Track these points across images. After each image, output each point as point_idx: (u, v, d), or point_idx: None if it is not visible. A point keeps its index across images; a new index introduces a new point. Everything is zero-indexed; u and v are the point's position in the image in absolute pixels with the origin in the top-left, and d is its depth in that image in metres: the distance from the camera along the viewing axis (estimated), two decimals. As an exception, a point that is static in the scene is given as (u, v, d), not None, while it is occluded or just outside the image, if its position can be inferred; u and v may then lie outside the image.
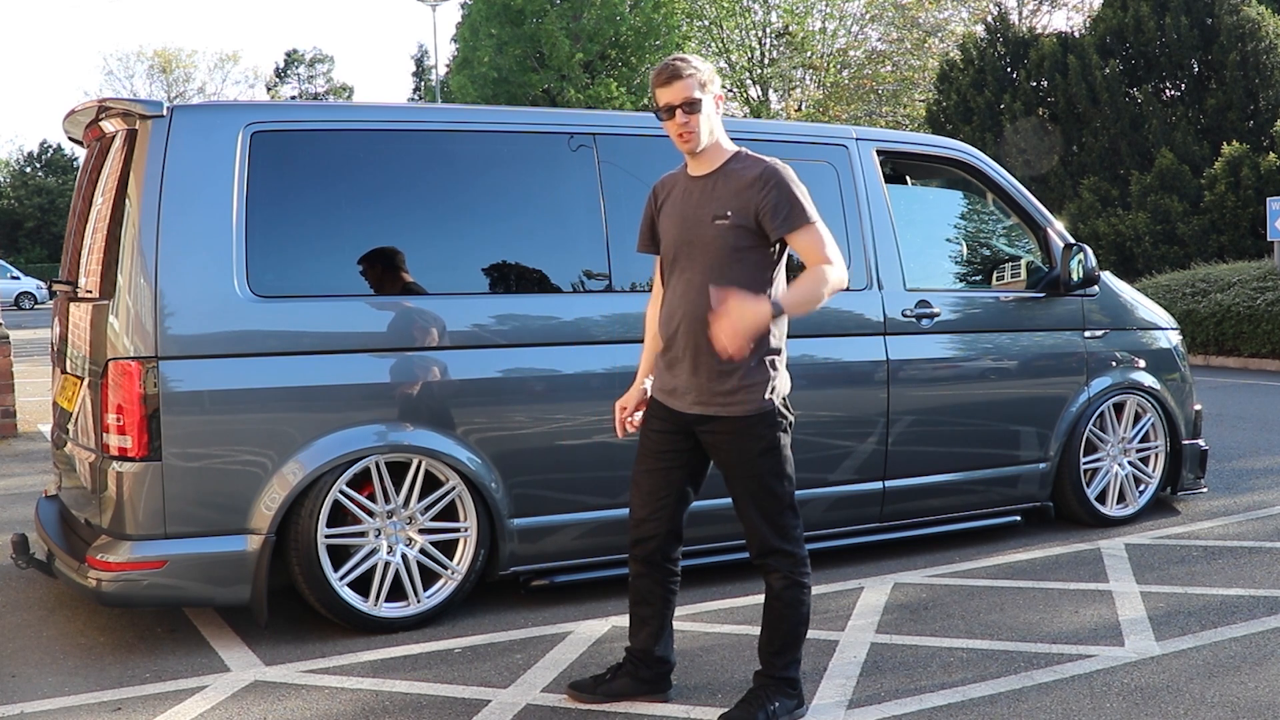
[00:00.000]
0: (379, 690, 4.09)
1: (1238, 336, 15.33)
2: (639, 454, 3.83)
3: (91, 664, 4.41)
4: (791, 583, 3.69)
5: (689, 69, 3.60)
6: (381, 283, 4.78)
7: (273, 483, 4.48)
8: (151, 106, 4.52)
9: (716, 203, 3.62)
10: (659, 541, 3.79)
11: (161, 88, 62.83)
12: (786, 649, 3.72)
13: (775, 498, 3.66)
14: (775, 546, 3.68)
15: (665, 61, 3.64)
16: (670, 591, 3.87)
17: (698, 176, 3.70)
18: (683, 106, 3.58)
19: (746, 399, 3.60)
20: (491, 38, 34.94)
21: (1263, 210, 17.80)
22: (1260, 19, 21.05)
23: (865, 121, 33.81)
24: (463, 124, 5.10)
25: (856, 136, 5.85)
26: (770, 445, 3.64)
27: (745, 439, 3.62)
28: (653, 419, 3.80)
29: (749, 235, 3.60)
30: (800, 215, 3.59)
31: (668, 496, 3.77)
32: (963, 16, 34.09)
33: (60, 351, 5.26)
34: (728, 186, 3.62)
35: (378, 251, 4.80)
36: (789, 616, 3.70)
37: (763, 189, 3.57)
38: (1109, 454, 6.37)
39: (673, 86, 3.58)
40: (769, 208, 3.57)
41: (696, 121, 3.60)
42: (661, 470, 3.76)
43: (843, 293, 5.55)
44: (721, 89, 3.70)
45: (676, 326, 3.67)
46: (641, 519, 3.80)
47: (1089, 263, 6.12)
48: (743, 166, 3.65)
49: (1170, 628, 4.60)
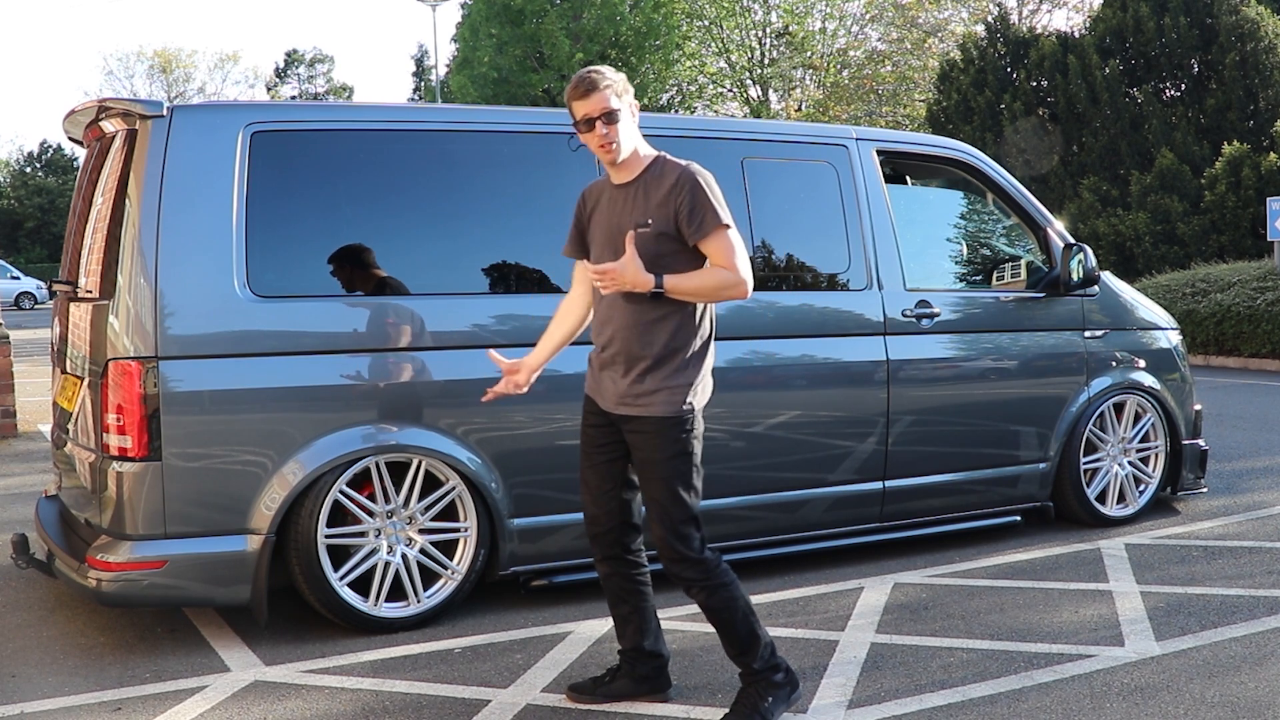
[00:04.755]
0: (379, 690, 4.09)
1: (1238, 336, 15.33)
2: (581, 452, 3.88)
3: (91, 664, 4.41)
4: (712, 589, 3.68)
5: (605, 80, 3.62)
6: (381, 283, 4.78)
7: (273, 483, 4.48)
8: (151, 106, 4.52)
9: (638, 211, 3.65)
10: (615, 534, 3.82)
11: (161, 88, 62.84)
12: (748, 647, 3.72)
13: (680, 504, 3.64)
14: (677, 553, 3.65)
15: (580, 74, 3.66)
16: (641, 584, 3.88)
17: (620, 185, 3.73)
18: (601, 118, 3.60)
19: (664, 400, 3.63)
20: (491, 38, 34.93)
21: (1263, 210, 17.80)
22: (1260, 19, 21.06)
23: (865, 121, 33.81)
24: (463, 124, 5.10)
25: (856, 136, 5.85)
26: (682, 450, 3.65)
27: (659, 439, 3.64)
28: (589, 415, 3.86)
29: (670, 241, 3.62)
30: (712, 220, 3.60)
31: (612, 488, 3.80)
32: (963, 16, 34.08)
33: (60, 351, 5.26)
34: (648, 194, 3.65)
35: (377, 251, 4.79)
36: (729, 620, 3.70)
37: (679, 194, 3.60)
38: (1109, 454, 6.37)
39: (590, 99, 3.60)
40: (685, 213, 3.59)
41: (616, 132, 3.62)
42: (604, 464, 3.81)
43: (843, 292, 5.62)
44: (635, 100, 3.73)
45: (611, 335, 3.71)
46: (593, 515, 3.84)
47: (1089, 263, 6.12)
48: (661, 173, 3.67)
49: (1170, 628, 4.60)
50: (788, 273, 5.56)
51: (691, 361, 3.68)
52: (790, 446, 5.46)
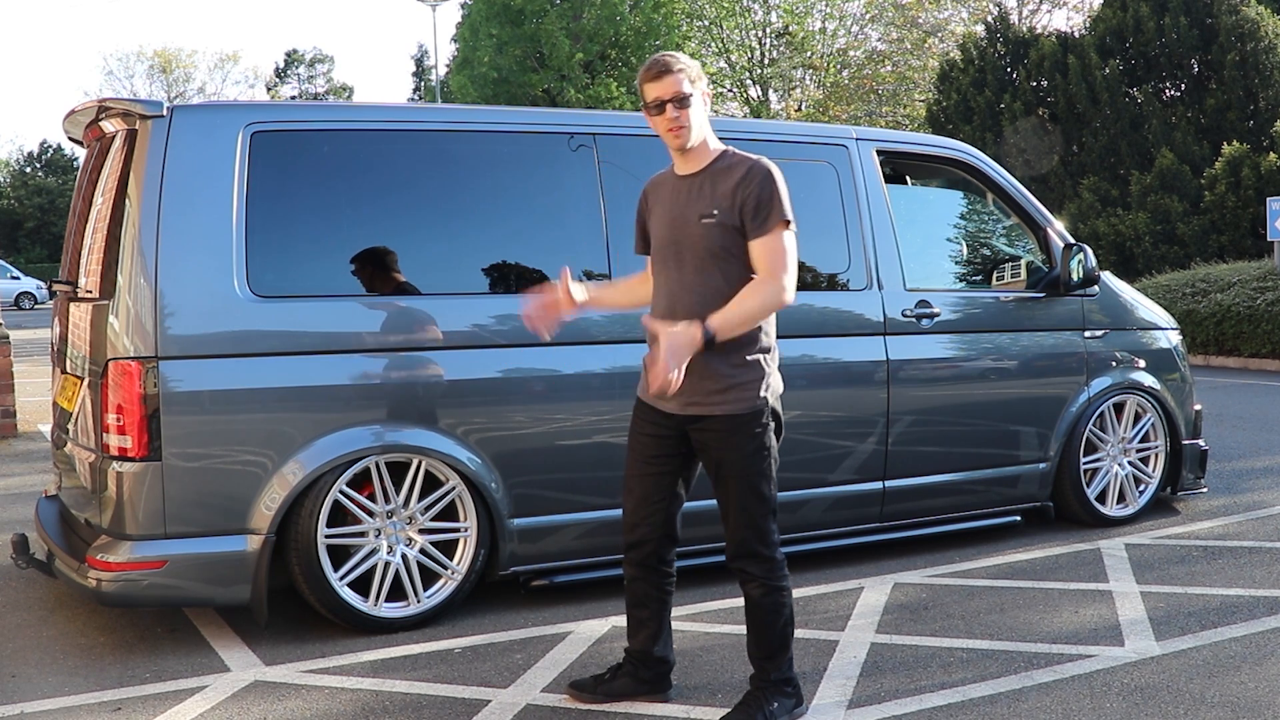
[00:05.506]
0: (379, 690, 4.09)
1: (1238, 336, 15.33)
2: (629, 458, 3.81)
3: (91, 664, 4.41)
4: (770, 589, 3.66)
5: (679, 64, 3.58)
6: (381, 283, 4.78)
7: (273, 483, 4.48)
8: (151, 106, 4.52)
9: (703, 201, 3.59)
10: (654, 545, 3.77)
11: (161, 88, 62.86)
12: (776, 654, 3.70)
13: (761, 500, 3.63)
14: (754, 550, 3.64)
15: (654, 57, 3.62)
16: (666, 593, 3.86)
17: (685, 175, 3.68)
18: (673, 101, 3.55)
19: (739, 397, 3.58)
20: (491, 38, 34.95)
21: (1263, 210, 17.80)
22: (1260, 19, 21.06)
23: (865, 121, 33.80)
24: (463, 124, 5.10)
25: (856, 136, 5.85)
26: (761, 445, 3.62)
27: (737, 438, 3.59)
28: (643, 423, 3.78)
29: (734, 234, 3.56)
30: (776, 216, 3.54)
31: (660, 500, 3.75)
32: (963, 16, 34.08)
33: (60, 351, 5.26)
34: (714, 185, 3.59)
35: (377, 251, 4.80)
36: (773, 622, 3.68)
37: (748, 185, 3.54)
38: (1109, 454, 6.37)
39: (663, 81, 3.56)
40: (751, 205, 3.53)
41: (687, 116, 3.57)
42: (653, 475, 3.74)
43: (843, 292, 5.62)
44: (709, 87, 3.67)
45: None
46: (635, 523, 3.78)
47: (1089, 263, 6.12)
48: (730, 165, 3.62)
49: (1170, 628, 4.60)
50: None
51: (761, 355, 3.63)
52: (790, 446, 5.42)
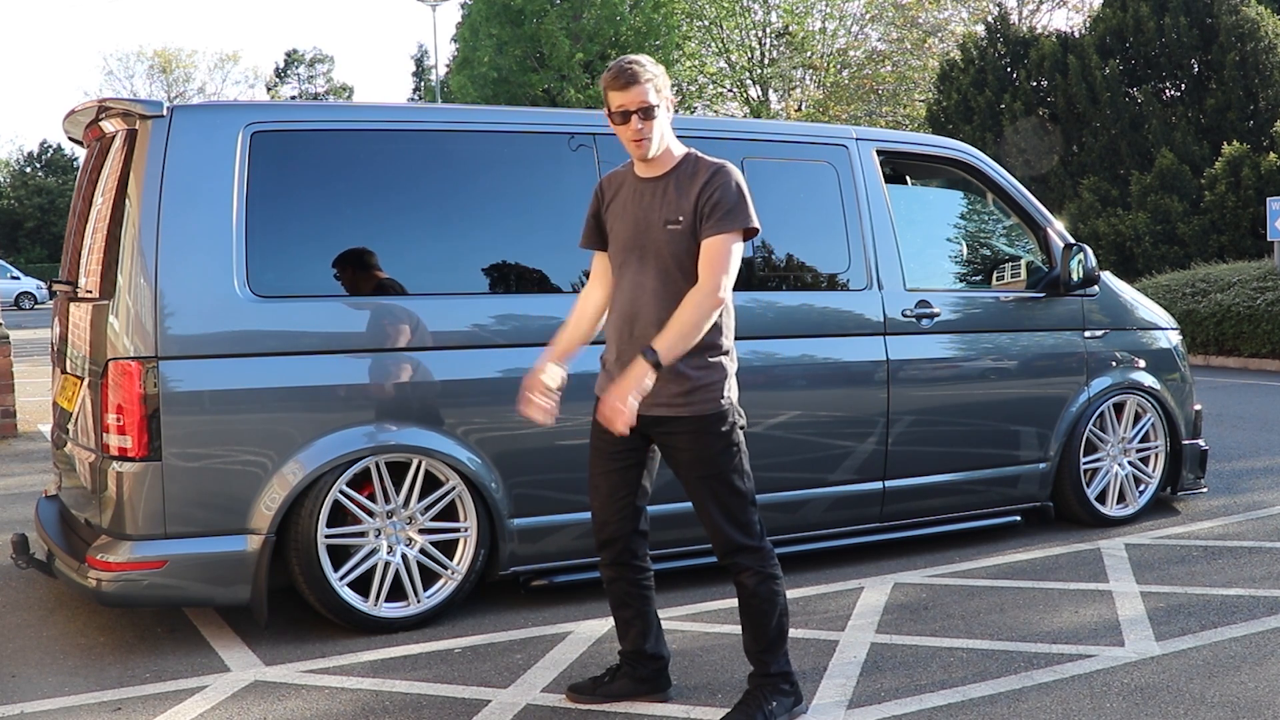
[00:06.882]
0: (379, 690, 4.09)
1: (1238, 336, 15.32)
2: (592, 457, 3.78)
3: (91, 664, 4.41)
4: (764, 577, 3.66)
5: (646, 74, 3.51)
6: (381, 283, 4.78)
7: (273, 483, 4.48)
8: (151, 106, 4.53)
9: (668, 207, 3.56)
10: (625, 541, 3.77)
11: (161, 88, 62.85)
12: (773, 645, 3.70)
13: (738, 494, 3.64)
14: (741, 544, 3.64)
15: (620, 63, 3.53)
16: (646, 589, 3.86)
17: (648, 179, 3.64)
18: (639, 112, 3.50)
19: (705, 398, 3.58)
20: (491, 38, 34.92)
21: (1263, 210, 17.79)
22: (1260, 19, 21.05)
23: (865, 121, 33.81)
24: (463, 124, 5.10)
25: (856, 136, 5.85)
26: (729, 443, 3.62)
27: (705, 438, 3.60)
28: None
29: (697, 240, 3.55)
30: (728, 221, 3.49)
31: (628, 496, 3.74)
32: (963, 16, 34.08)
33: (60, 351, 5.26)
34: (679, 190, 3.56)
35: (377, 251, 4.79)
36: (768, 612, 3.68)
37: (710, 190, 3.52)
38: (1109, 454, 6.37)
39: (629, 91, 3.49)
40: (711, 205, 3.50)
41: (651, 128, 3.52)
42: (618, 471, 3.73)
43: (843, 292, 5.62)
44: (673, 92, 3.62)
45: (637, 333, 3.61)
46: (604, 521, 3.78)
47: (1089, 263, 6.12)
48: (694, 170, 3.58)
49: (1170, 628, 4.60)
50: (788, 273, 5.56)
51: (722, 356, 3.63)
52: (790, 446, 5.46)
